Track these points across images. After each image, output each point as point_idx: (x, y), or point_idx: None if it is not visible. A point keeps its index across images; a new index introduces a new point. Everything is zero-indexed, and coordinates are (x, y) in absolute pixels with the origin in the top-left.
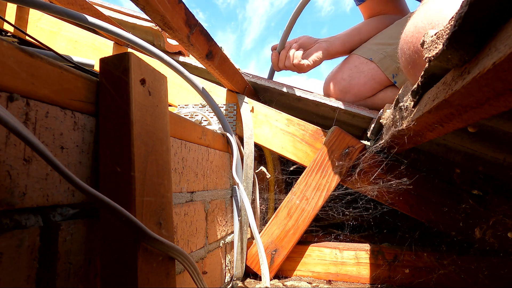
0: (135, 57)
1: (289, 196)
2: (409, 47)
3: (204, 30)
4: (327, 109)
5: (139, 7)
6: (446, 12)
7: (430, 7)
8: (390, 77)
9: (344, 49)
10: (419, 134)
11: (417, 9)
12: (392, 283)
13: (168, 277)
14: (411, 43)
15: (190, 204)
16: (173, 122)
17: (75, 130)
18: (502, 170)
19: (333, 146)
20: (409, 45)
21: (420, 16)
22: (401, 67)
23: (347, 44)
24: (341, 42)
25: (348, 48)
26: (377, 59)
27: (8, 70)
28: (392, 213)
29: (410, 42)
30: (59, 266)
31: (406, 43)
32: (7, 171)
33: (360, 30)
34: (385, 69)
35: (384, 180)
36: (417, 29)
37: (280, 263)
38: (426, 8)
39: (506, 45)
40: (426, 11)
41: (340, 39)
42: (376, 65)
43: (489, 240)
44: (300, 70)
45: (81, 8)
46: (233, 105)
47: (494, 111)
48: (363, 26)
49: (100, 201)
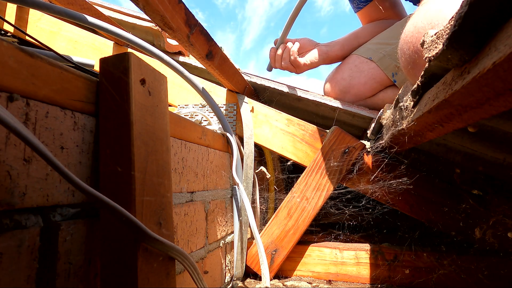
0: (135, 57)
1: (289, 196)
2: (408, 47)
3: (204, 30)
4: (327, 109)
5: (139, 7)
6: (446, 12)
7: (429, 7)
8: (389, 76)
9: (343, 53)
10: (419, 134)
11: (417, 10)
12: (392, 283)
13: (168, 277)
14: (411, 43)
15: (190, 204)
16: (173, 122)
17: (75, 130)
18: (502, 170)
19: (333, 146)
20: (408, 45)
21: (419, 16)
22: (401, 67)
23: (346, 47)
24: (340, 46)
25: (347, 52)
26: (377, 58)
27: (8, 70)
28: (392, 213)
29: (410, 42)
30: (59, 266)
31: (406, 43)
32: (7, 171)
33: (358, 35)
34: (385, 68)
35: (384, 180)
36: (416, 29)
37: (280, 263)
38: (426, 8)
39: (506, 45)
40: (425, 11)
41: (339, 43)
42: (376, 64)
43: (489, 240)
44: (297, 68)
45: (81, 8)
46: (233, 105)
47: (494, 111)
48: (361, 31)
49: (100, 201)
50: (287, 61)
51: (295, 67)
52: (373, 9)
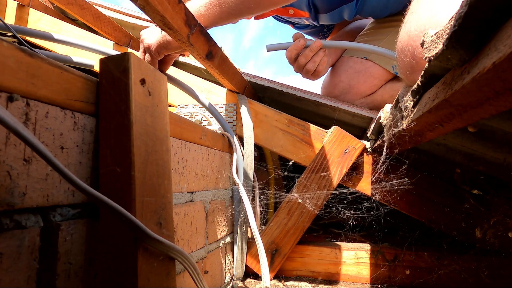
0: (135, 57)
1: (289, 196)
2: (405, 55)
3: (204, 30)
4: (327, 109)
5: (139, 7)
6: (438, 18)
7: (420, 16)
8: (390, 70)
9: (333, 61)
10: (419, 134)
11: (406, 20)
12: (392, 283)
13: (168, 277)
14: (407, 51)
15: (190, 204)
16: (173, 122)
17: (75, 130)
18: (503, 170)
19: (333, 146)
20: (405, 53)
21: (411, 25)
22: (400, 75)
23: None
24: (335, 55)
25: (334, 59)
26: (373, 57)
27: (8, 70)
28: (393, 213)
29: (406, 50)
30: (59, 266)
31: (402, 51)
32: (7, 171)
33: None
34: (385, 64)
35: (384, 180)
36: (411, 38)
37: (280, 263)
38: (416, 17)
39: (506, 45)
40: (416, 20)
41: (333, 53)
42: (372, 62)
43: (490, 240)
44: (315, 77)
45: (81, 9)
46: (233, 105)
47: (494, 111)
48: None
49: (100, 201)
50: (310, 67)
51: (314, 77)
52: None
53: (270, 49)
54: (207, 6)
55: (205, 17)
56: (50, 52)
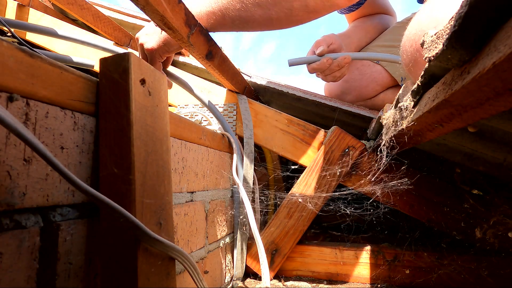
0: (135, 57)
1: (289, 196)
2: (411, 45)
3: (204, 30)
4: (327, 109)
5: (139, 7)
6: (452, 11)
7: (434, 6)
8: (398, 80)
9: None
10: (419, 134)
11: (421, 8)
12: (392, 283)
13: (168, 277)
14: (414, 41)
15: (190, 204)
16: (173, 122)
17: (75, 130)
18: (503, 170)
19: (333, 146)
20: (411, 42)
21: (424, 14)
22: (402, 65)
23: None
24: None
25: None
26: (386, 63)
27: (8, 70)
28: (393, 213)
29: (413, 40)
30: (59, 266)
31: (409, 40)
32: (7, 171)
33: (350, 35)
34: (394, 72)
35: (384, 180)
36: (420, 27)
37: (280, 263)
38: (430, 7)
39: (506, 45)
40: (430, 10)
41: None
42: (382, 67)
43: (490, 240)
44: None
45: (81, 9)
46: (233, 105)
47: (494, 111)
48: (353, 33)
49: (100, 201)
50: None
51: (336, 81)
52: (365, 10)
53: (292, 64)
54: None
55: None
56: (50, 52)
